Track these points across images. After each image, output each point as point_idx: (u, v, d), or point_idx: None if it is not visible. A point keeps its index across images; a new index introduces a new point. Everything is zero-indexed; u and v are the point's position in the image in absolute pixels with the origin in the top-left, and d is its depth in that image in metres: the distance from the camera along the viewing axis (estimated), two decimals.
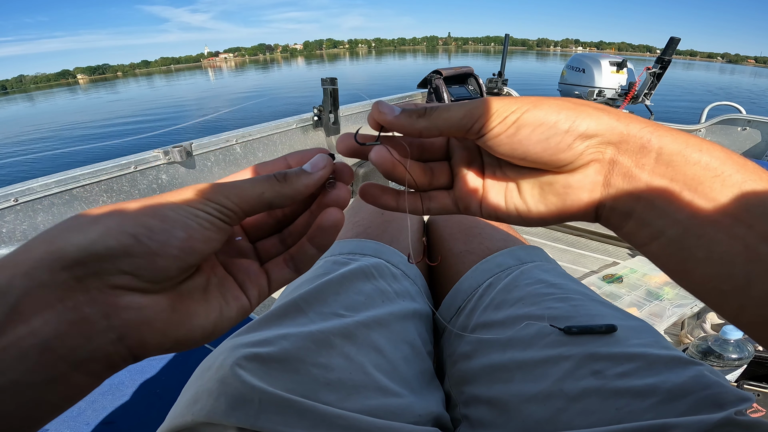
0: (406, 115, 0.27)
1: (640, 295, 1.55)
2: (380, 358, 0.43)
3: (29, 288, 0.19)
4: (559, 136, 0.25)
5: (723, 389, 0.34)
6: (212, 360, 0.40)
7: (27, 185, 1.48)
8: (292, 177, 0.27)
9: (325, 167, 0.28)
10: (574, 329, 0.42)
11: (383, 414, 0.38)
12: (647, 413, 0.34)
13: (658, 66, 3.45)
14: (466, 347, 0.49)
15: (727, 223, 0.22)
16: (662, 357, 0.38)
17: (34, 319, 0.19)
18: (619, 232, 0.28)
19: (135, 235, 0.21)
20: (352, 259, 0.55)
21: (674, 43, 3.33)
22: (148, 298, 0.22)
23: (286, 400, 0.35)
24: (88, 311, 0.20)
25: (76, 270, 0.20)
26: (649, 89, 3.56)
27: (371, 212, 0.66)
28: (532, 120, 0.26)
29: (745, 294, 0.22)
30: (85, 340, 0.20)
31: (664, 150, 0.24)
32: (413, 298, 0.53)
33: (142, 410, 0.86)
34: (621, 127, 0.25)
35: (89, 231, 0.20)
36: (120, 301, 0.21)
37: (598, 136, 0.25)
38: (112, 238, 0.20)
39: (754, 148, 2.40)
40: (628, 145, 0.25)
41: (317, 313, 0.45)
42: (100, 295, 0.20)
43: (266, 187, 0.26)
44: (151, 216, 0.22)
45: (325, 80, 2.43)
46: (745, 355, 1.08)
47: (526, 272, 0.53)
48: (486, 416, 0.42)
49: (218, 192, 0.24)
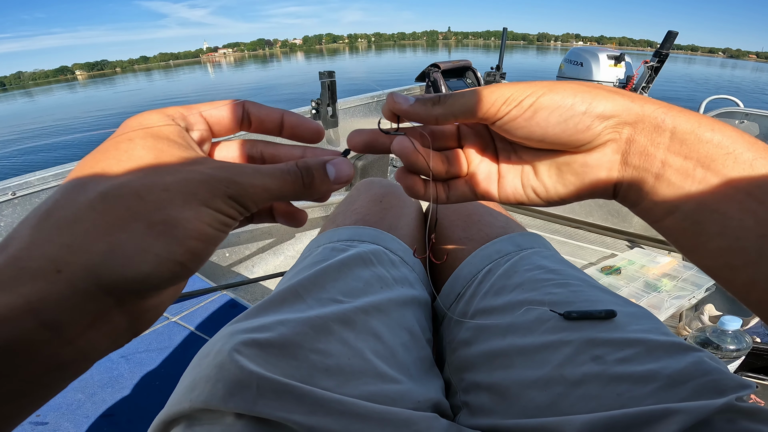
0: (421, 104, 0.29)
1: (639, 287, 1.55)
2: (379, 345, 0.43)
3: (78, 319, 0.19)
4: (577, 117, 0.26)
5: (723, 376, 0.34)
6: (210, 347, 0.39)
7: (24, 179, 1.47)
8: (317, 183, 0.27)
9: (347, 180, 0.29)
10: (574, 314, 0.42)
11: (382, 400, 0.38)
12: (648, 399, 0.34)
13: (655, 59, 3.46)
14: (466, 334, 0.49)
15: (740, 199, 0.23)
16: (662, 343, 0.38)
17: (77, 340, 0.20)
18: (635, 208, 0.29)
19: (183, 264, 0.21)
20: (351, 246, 0.54)
21: (672, 37, 3.35)
22: (163, 296, 0.24)
23: (284, 385, 0.34)
24: (118, 320, 0.21)
25: (120, 294, 0.20)
26: (647, 82, 3.57)
27: (369, 200, 0.66)
28: (549, 103, 0.26)
29: (756, 268, 0.22)
30: (111, 341, 0.22)
31: (677, 129, 0.25)
32: (412, 285, 0.53)
33: (141, 402, 0.86)
34: (636, 107, 0.26)
35: (142, 261, 0.20)
36: (145, 306, 0.22)
37: (615, 116, 0.26)
38: (165, 269, 0.21)
39: None
40: (643, 124, 0.26)
41: (315, 299, 0.45)
42: (131, 306, 0.22)
43: (291, 189, 0.26)
44: (196, 238, 0.22)
45: (323, 73, 2.42)
46: (743, 346, 1.08)
47: (526, 258, 0.53)
48: (486, 403, 0.42)
49: (246, 194, 0.24)
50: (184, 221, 0.21)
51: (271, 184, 0.25)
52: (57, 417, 0.84)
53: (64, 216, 0.20)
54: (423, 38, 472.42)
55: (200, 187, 0.23)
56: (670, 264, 1.68)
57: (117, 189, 0.21)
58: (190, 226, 0.22)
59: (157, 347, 0.99)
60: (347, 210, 0.65)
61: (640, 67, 3.57)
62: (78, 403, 0.87)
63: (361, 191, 0.69)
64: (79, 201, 0.20)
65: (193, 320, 1.04)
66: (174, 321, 1.05)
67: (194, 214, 0.22)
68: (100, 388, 0.91)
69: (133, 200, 0.21)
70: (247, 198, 0.24)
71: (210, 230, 0.22)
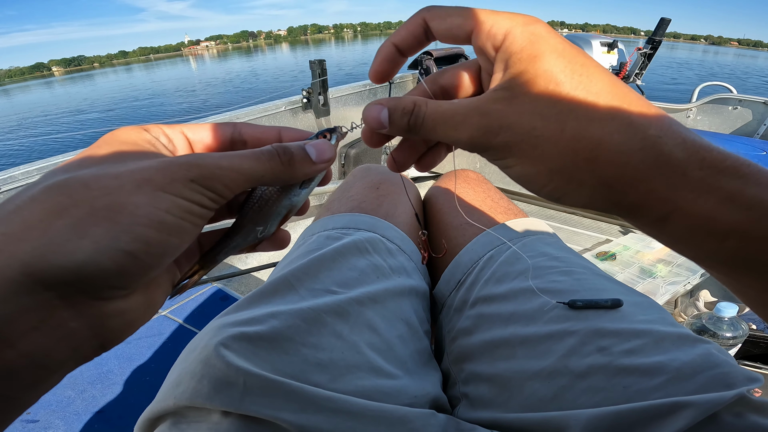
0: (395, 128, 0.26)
1: (634, 273, 1.56)
2: (374, 337, 0.41)
3: (10, 315, 0.17)
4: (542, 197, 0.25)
5: (732, 369, 0.34)
6: (198, 341, 0.38)
7: (9, 173, 1.47)
8: (297, 162, 0.25)
9: (329, 160, 0.27)
10: (579, 303, 0.41)
11: (377, 396, 0.36)
12: (656, 392, 0.33)
13: (649, 46, 3.46)
14: (466, 322, 0.48)
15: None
16: (669, 334, 0.37)
17: (20, 343, 0.18)
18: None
19: (131, 252, 0.19)
20: (346, 234, 0.52)
21: (665, 24, 3.35)
22: (130, 301, 0.21)
23: (272, 381, 0.33)
24: (75, 325, 0.19)
25: (61, 289, 0.18)
26: (640, 69, 3.57)
27: (365, 187, 0.64)
28: (515, 176, 0.25)
29: None
30: (73, 351, 0.20)
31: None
32: (409, 274, 0.52)
33: (131, 398, 0.85)
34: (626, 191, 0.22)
35: (76, 248, 0.18)
36: (105, 310, 0.20)
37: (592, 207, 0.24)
38: (105, 257, 0.18)
39: (745, 127, 2.41)
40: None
41: (308, 289, 0.43)
42: (86, 309, 0.19)
43: (268, 168, 0.24)
44: (147, 225, 0.19)
45: (314, 62, 2.42)
46: (740, 333, 1.08)
47: (529, 245, 0.52)
48: (486, 394, 0.41)
49: (213, 176, 0.22)
50: (132, 206, 0.19)
51: (242, 165, 0.23)
52: (47, 414, 0.83)
53: (7, 208, 0.19)
54: None
55: (156, 173, 0.20)
56: (664, 249, 1.68)
57: (63, 180, 0.19)
58: (139, 212, 0.19)
59: (147, 342, 0.97)
60: (342, 197, 0.63)
61: (633, 54, 3.57)
62: (68, 400, 0.86)
63: (357, 177, 0.67)
64: (25, 194, 0.19)
65: (183, 313, 1.02)
66: (163, 315, 1.03)
67: (147, 199, 0.20)
68: (90, 384, 0.90)
69: (78, 189, 0.19)
70: (216, 181, 0.22)
71: (169, 218, 0.20)
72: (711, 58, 44.45)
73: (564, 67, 0.22)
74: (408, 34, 0.27)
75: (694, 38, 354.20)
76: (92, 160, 0.22)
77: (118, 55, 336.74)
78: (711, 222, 0.20)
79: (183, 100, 17.43)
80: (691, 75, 21.93)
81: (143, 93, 17.76)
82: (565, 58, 0.22)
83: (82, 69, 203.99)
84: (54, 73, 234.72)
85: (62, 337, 0.19)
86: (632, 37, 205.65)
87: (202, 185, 0.21)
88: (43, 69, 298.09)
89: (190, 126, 0.27)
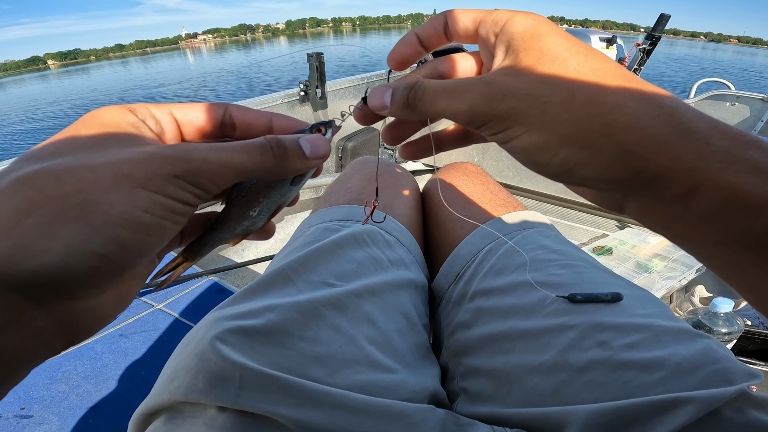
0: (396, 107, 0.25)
1: (630, 268, 1.56)
2: (373, 330, 0.41)
3: None
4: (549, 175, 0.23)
5: (732, 364, 0.33)
6: (193, 335, 0.37)
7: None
8: (290, 156, 0.24)
9: (323, 156, 0.26)
10: (579, 297, 0.41)
11: (375, 390, 0.36)
12: (656, 387, 0.33)
13: (648, 42, 3.45)
14: (465, 316, 0.47)
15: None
16: (669, 329, 0.37)
17: None
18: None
19: (105, 255, 0.18)
20: (344, 226, 0.52)
21: (664, 20, 3.34)
22: (101, 298, 0.20)
23: (269, 376, 0.32)
24: (44, 323, 0.18)
25: (30, 291, 0.17)
26: (638, 65, 3.56)
27: (363, 179, 0.63)
28: (523, 151, 0.22)
29: None
30: (42, 348, 0.19)
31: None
32: (408, 266, 0.51)
33: (126, 393, 0.84)
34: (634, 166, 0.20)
35: (46, 251, 0.17)
36: (76, 308, 0.19)
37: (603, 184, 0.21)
38: (77, 260, 0.17)
39: (742, 123, 2.41)
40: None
41: (306, 282, 0.43)
42: (56, 309, 0.18)
43: (259, 163, 0.23)
44: (122, 226, 0.18)
45: (311, 55, 2.40)
46: (735, 329, 1.08)
47: (528, 237, 0.51)
48: (485, 388, 0.41)
49: (199, 171, 0.20)
50: (106, 205, 0.18)
51: (232, 159, 0.22)
52: (41, 409, 0.83)
53: None
54: (408, 21, 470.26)
55: (137, 167, 0.19)
56: (660, 244, 1.69)
57: (34, 172, 0.18)
58: (114, 211, 0.18)
59: (142, 336, 0.96)
60: (341, 189, 0.62)
61: (632, 49, 3.56)
62: (62, 395, 0.86)
63: (355, 169, 0.67)
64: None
65: (178, 307, 1.02)
66: (159, 308, 1.02)
67: (123, 197, 0.18)
68: (84, 379, 0.89)
69: (50, 183, 0.18)
70: (202, 176, 0.21)
71: (147, 217, 0.19)
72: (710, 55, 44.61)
73: (568, 46, 0.22)
74: (431, 27, 0.27)
75: (693, 35, 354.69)
76: (69, 144, 0.20)
77: (114, 48, 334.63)
78: (742, 194, 0.18)
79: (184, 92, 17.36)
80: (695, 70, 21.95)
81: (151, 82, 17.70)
82: (568, 39, 0.22)
83: (78, 62, 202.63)
84: (50, 66, 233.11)
85: (30, 336, 0.18)
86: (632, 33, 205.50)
87: (187, 181, 0.20)
88: (38, 62, 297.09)
89: (179, 106, 0.25)
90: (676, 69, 23.07)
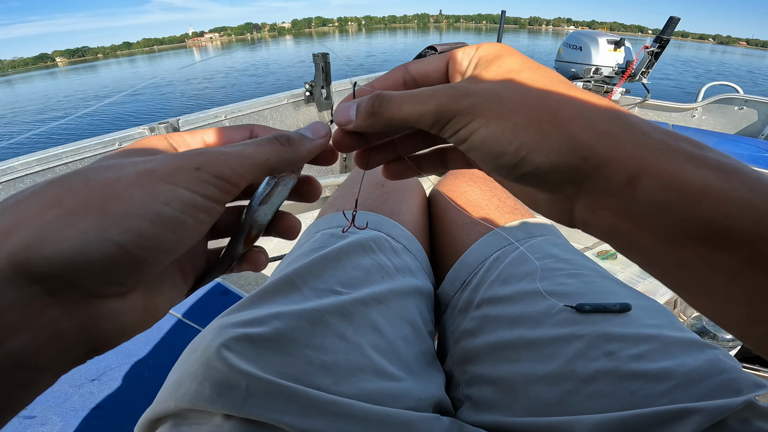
0: (362, 118, 0.26)
1: (634, 272, 1.55)
2: (379, 338, 0.41)
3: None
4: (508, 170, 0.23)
5: (739, 375, 0.33)
6: (199, 341, 0.37)
7: (8, 164, 1.45)
8: (296, 141, 0.25)
9: (326, 135, 0.27)
10: (587, 307, 0.40)
11: (381, 398, 0.36)
12: (663, 397, 0.33)
13: (656, 45, 3.42)
14: (471, 324, 0.47)
15: None
16: (677, 339, 0.37)
17: (8, 342, 0.17)
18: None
19: (122, 245, 0.18)
20: (351, 232, 0.52)
21: (673, 23, 3.31)
22: (125, 303, 0.20)
23: (275, 384, 0.32)
24: (65, 325, 0.18)
25: (49, 284, 0.17)
26: (646, 68, 3.53)
27: (370, 184, 0.63)
28: (479, 142, 0.23)
29: None
30: (63, 352, 0.19)
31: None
32: (414, 274, 0.51)
33: (129, 394, 0.84)
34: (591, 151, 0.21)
35: (64, 239, 0.17)
36: (98, 311, 0.19)
37: (556, 172, 0.22)
38: (94, 248, 0.17)
39: (750, 127, 2.40)
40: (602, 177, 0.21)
41: (312, 289, 0.42)
42: (77, 308, 0.18)
43: (271, 151, 0.24)
44: (141, 216, 0.18)
45: (317, 55, 2.40)
46: None
47: (536, 246, 0.51)
48: (490, 397, 0.41)
49: (219, 162, 0.21)
50: (127, 198, 0.18)
51: (245, 150, 0.23)
52: (44, 410, 0.83)
53: (8, 202, 0.18)
54: (414, 21, 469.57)
55: (160, 164, 0.20)
56: None
57: (66, 175, 0.19)
58: (134, 203, 0.18)
59: (144, 337, 0.96)
60: (347, 194, 0.62)
61: (640, 52, 3.52)
62: (65, 396, 0.86)
63: (361, 172, 0.67)
64: (29, 189, 0.19)
65: (182, 308, 1.01)
66: None
67: (145, 190, 0.19)
68: (87, 380, 0.89)
69: (77, 181, 0.19)
70: (223, 166, 0.21)
71: (166, 210, 0.19)
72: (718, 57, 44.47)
73: (522, 62, 0.25)
74: (391, 78, 0.29)
75: (702, 37, 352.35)
76: (106, 158, 0.22)
77: (122, 46, 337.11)
78: (682, 180, 0.18)
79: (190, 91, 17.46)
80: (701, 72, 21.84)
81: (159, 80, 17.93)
82: (524, 59, 0.25)
83: (85, 60, 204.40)
84: (58, 63, 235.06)
85: (51, 338, 0.18)
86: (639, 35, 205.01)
87: (209, 172, 0.21)
88: (47, 60, 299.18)
89: (209, 132, 0.27)
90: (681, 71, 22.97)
